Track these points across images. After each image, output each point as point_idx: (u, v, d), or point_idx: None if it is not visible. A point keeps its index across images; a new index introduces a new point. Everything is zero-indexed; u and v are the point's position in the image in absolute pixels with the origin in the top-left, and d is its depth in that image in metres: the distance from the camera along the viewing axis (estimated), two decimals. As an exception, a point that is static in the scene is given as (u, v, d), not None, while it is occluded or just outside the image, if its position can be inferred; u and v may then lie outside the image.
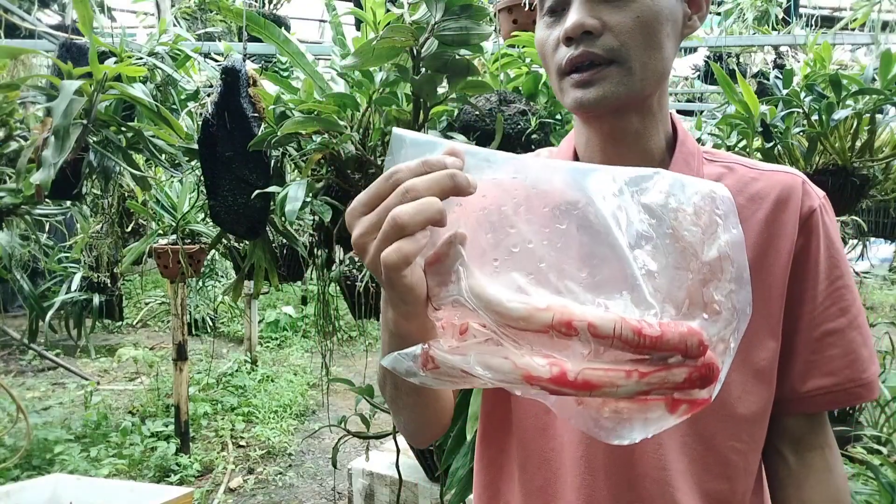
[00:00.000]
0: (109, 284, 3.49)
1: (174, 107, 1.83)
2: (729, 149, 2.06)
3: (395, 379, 0.65)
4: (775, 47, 4.26)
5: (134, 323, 6.53)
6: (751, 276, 0.49)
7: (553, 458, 0.72)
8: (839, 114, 1.83)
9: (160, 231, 2.81)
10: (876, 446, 2.09)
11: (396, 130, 0.49)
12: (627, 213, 0.47)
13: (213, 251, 2.58)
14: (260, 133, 1.50)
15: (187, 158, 1.83)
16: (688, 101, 4.94)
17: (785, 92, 1.95)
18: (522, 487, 0.75)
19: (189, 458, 3.43)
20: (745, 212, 0.69)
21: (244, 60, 1.57)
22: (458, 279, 0.46)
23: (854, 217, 3.21)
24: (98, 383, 4.74)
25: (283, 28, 2.08)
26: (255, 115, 1.55)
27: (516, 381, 0.45)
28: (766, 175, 0.71)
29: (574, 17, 0.63)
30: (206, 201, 1.66)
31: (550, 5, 0.67)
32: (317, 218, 1.75)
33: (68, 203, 2.38)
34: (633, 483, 0.69)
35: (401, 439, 2.06)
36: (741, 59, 4.42)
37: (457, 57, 1.29)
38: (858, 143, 1.97)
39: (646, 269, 0.46)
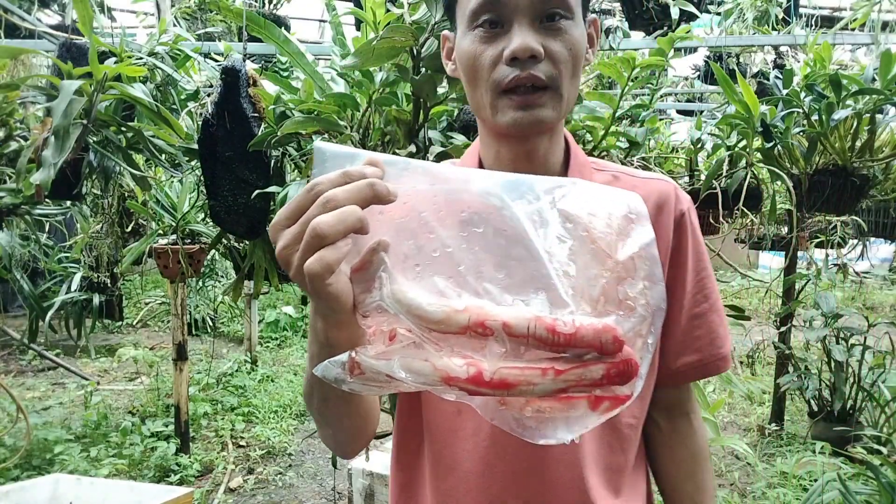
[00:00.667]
0: (109, 284, 3.49)
1: (174, 107, 1.83)
2: (729, 148, 2.06)
3: (322, 391, 0.66)
4: (775, 47, 4.26)
5: (134, 323, 6.53)
6: None
7: (464, 458, 0.75)
8: (839, 114, 1.83)
9: (160, 231, 2.81)
10: (876, 446, 2.09)
11: (317, 144, 0.50)
12: (544, 216, 0.48)
13: (213, 251, 2.58)
14: (260, 133, 1.50)
15: (187, 158, 1.83)
16: (688, 101, 4.94)
17: (785, 92, 1.95)
18: (434, 490, 0.78)
19: (189, 458, 3.43)
20: None
21: (244, 60, 1.57)
22: (381, 285, 0.46)
23: (854, 217, 3.21)
24: (98, 383, 4.74)
25: (283, 28, 2.08)
26: (255, 115, 1.55)
27: (436, 382, 0.45)
28: (644, 182, 0.81)
29: (523, 39, 0.66)
30: (206, 201, 1.66)
31: (489, 18, 0.69)
32: (317, 218, 1.75)
33: (68, 203, 2.38)
34: (544, 469, 0.74)
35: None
36: (741, 59, 4.42)
37: (457, 57, 1.28)
38: (858, 143, 1.97)
39: (562, 269, 0.47)
